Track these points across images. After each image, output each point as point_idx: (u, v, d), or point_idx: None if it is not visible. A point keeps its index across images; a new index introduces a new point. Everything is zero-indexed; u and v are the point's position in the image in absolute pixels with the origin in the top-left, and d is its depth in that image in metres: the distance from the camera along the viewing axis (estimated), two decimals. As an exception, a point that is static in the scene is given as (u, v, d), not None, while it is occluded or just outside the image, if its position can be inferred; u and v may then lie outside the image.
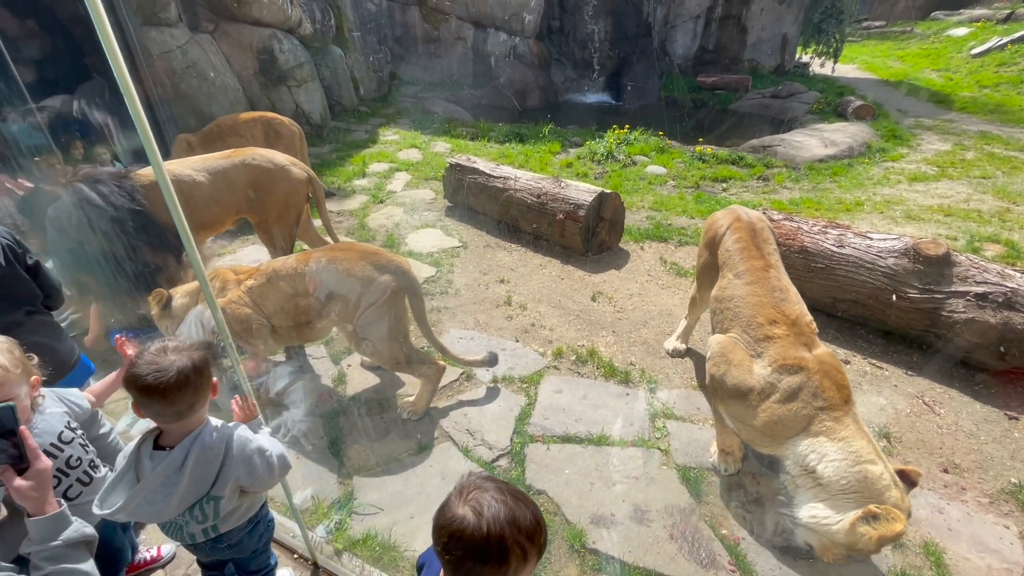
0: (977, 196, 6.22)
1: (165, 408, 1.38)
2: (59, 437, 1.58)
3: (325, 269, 2.74)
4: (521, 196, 5.18)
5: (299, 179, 3.81)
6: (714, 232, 2.93)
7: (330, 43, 9.49)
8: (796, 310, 2.38)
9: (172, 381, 1.34)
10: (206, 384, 1.45)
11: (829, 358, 2.23)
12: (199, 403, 1.44)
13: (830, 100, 10.91)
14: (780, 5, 13.37)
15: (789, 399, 2.14)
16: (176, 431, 1.44)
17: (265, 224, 3.83)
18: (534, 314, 4.05)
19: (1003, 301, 3.14)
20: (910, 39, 18.49)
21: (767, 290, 2.45)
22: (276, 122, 5.55)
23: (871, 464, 1.97)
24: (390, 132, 9.11)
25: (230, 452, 1.48)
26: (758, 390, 2.22)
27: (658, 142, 8.29)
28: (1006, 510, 2.47)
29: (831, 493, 2.01)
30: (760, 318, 2.37)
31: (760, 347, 2.32)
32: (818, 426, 2.09)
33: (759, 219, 2.86)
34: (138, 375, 1.34)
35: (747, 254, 2.65)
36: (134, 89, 1.20)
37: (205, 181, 3.45)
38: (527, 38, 12.84)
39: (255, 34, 7.65)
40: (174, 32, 6.55)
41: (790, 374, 2.18)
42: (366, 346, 2.87)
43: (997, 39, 13.95)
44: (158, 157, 1.30)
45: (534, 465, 2.66)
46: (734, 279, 2.62)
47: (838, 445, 2.03)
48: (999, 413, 3.06)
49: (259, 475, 1.53)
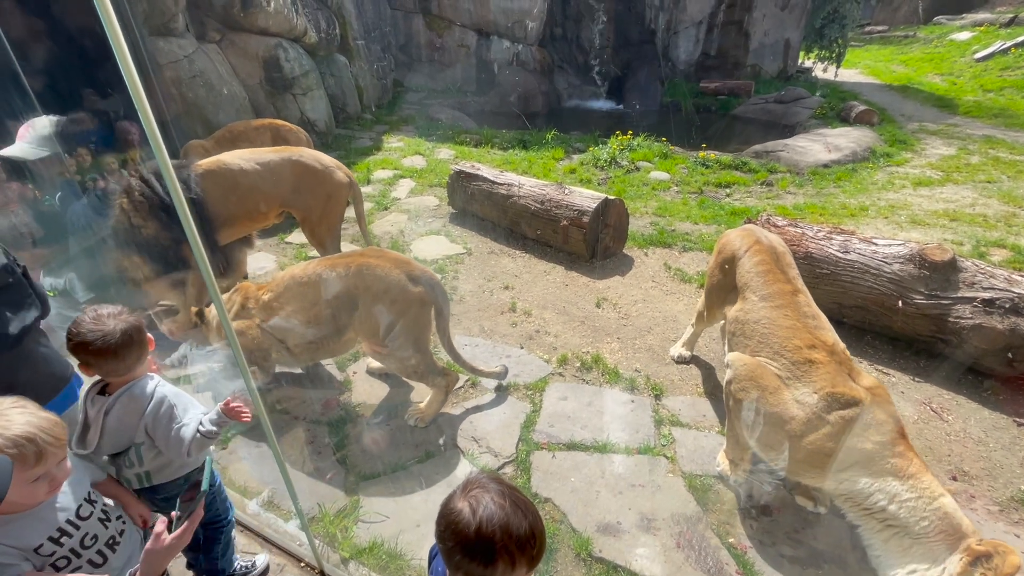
0: (983, 201, 6.20)
1: (117, 364, 1.59)
2: (77, 513, 1.42)
3: (356, 275, 2.71)
4: (525, 203, 5.20)
5: (342, 181, 4.00)
6: (730, 253, 2.84)
7: (335, 51, 9.58)
8: (831, 337, 2.30)
9: (120, 341, 1.56)
10: (144, 342, 1.66)
11: (881, 390, 2.13)
12: (141, 359, 1.65)
13: (833, 105, 10.91)
14: (782, 11, 13.40)
15: (842, 433, 2.03)
16: (118, 383, 1.65)
17: (310, 222, 3.97)
18: (539, 320, 4.05)
19: (1010, 307, 3.13)
20: (913, 43, 18.50)
21: (799, 315, 2.38)
22: (285, 129, 5.72)
23: (944, 497, 1.87)
24: (394, 139, 9.17)
25: (151, 405, 1.64)
26: (802, 420, 2.11)
27: (661, 148, 8.31)
28: (1016, 518, 2.45)
29: (914, 536, 1.87)
30: (797, 341, 2.28)
31: (800, 371, 2.22)
32: (881, 464, 1.97)
33: (780, 242, 2.79)
34: (88, 341, 1.53)
35: (772, 277, 2.57)
36: (146, 100, 1.22)
37: (253, 171, 3.61)
38: (530, 45, 12.90)
39: (261, 43, 7.72)
40: (181, 42, 6.63)
41: (842, 407, 2.06)
42: (388, 356, 2.86)
43: (1001, 43, 13.94)
44: (166, 158, 1.32)
45: (539, 473, 2.66)
46: (759, 302, 2.54)
47: (909, 484, 1.91)
48: (1008, 420, 3.04)
49: (162, 438, 1.65)
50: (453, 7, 12.55)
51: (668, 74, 13.91)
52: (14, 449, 1.16)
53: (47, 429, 1.25)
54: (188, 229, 1.33)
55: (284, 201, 3.85)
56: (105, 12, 1.05)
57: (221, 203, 3.44)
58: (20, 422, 1.20)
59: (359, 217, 4.34)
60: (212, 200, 3.41)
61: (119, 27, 1.09)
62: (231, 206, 3.52)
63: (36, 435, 1.20)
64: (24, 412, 1.23)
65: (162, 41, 6.40)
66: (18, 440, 1.17)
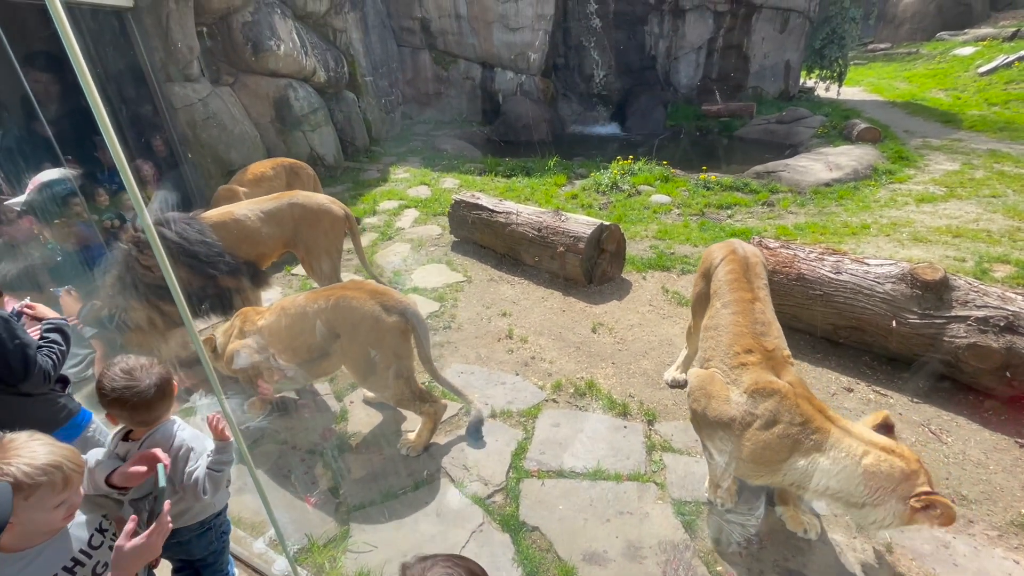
0: (987, 216, 6.15)
1: (148, 415, 1.65)
2: (89, 543, 1.43)
3: (335, 308, 2.85)
4: (523, 230, 5.31)
5: (338, 215, 4.29)
6: (709, 263, 3.00)
7: (344, 88, 9.98)
8: (775, 343, 2.40)
9: (154, 396, 1.62)
10: (173, 390, 1.72)
11: (799, 383, 2.25)
12: (171, 406, 1.72)
13: (835, 123, 10.96)
14: (781, 34, 13.62)
15: (770, 424, 2.16)
16: (141, 429, 1.69)
17: (311, 256, 4.25)
18: (534, 347, 4.10)
19: (1005, 325, 3.09)
20: (916, 60, 18.56)
21: (750, 321, 2.48)
22: (296, 166, 6.32)
23: (867, 456, 1.97)
24: (401, 170, 9.43)
25: (171, 449, 1.69)
26: (739, 419, 2.23)
27: (662, 171, 8.41)
28: (1015, 543, 2.38)
29: (858, 501, 1.98)
30: (737, 347, 2.41)
31: (734, 374, 2.36)
32: (807, 443, 2.09)
33: (754, 253, 2.90)
34: (125, 399, 1.58)
35: (736, 285, 2.70)
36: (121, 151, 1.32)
37: (258, 219, 3.96)
38: (533, 75, 13.27)
39: (272, 84, 8.10)
40: (196, 87, 6.99)
41: (765, 398, 2.20)
42: (371, 383, 2.97)
43: (1004, 57, 13.93)
44: (143, 206, 1.42)
45: (528, 501, 2.67)
46: (721, 308, 2.67)
47: (832, 455, 2.03)
48: (1009, 441, 2.97)
49: (179, 481, 1.69)
50: (458, 42, 13.02)
51: (670, 98, 14.14)
52: (44, 477, 1.23)
53: (70, 457, 1.32)
54: (166, 272, 1.43)
55: (287, 242, 4.17)
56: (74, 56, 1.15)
57: (233, 251, 3.77)
58: (44, 452, 1.27)
59: (357, 248, 4.54)
60: (228, 245, 3.74)
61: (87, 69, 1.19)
62: (242, 253, 3.84)
63: (62, 463, 1.27)
64: (44, 443, 1.30)
65: (178, 86, 6.76)
66: (47, 468, 1.24)
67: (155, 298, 3.39)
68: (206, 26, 7.38)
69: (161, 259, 1.43)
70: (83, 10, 5.83)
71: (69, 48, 1.16)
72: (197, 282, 3.54)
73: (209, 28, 7.47)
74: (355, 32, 10.51)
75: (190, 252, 3.48)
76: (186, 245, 3.47)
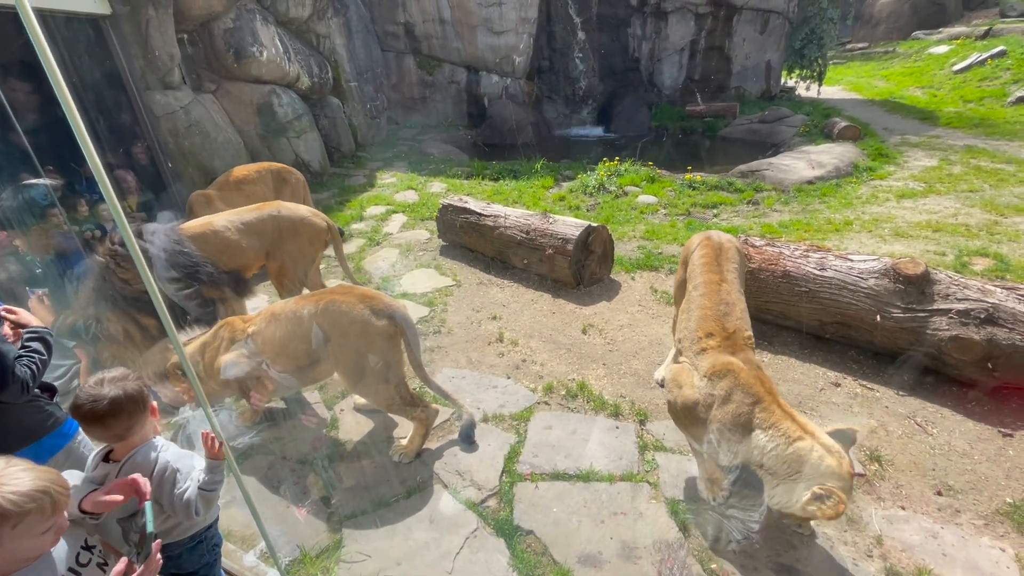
0: (965, 210, 6.28)
1: (104, 432, 1.59)
2: (76, 559, 1.41)
3: (323, 312, 2.82)
4: (511, 233, 5.31)
5: (320, 228, 4.19)
6: (687, 251, 3.13)
7: (328, 94, 9.92)
8: (737, 324, 2.51)
9: (106, 409, 1.54)
10: (141, 409, 1.63)
11: (749, 361, 2.35)
12: (136, 425, 1.63)
13: (817, 122, 11.13)
14: (761, 35, 13.81)
15: (726, 402, 2.26)
16: (121, 448, 1.64)
17: (286, 268, 4.15)
18: (525, 350, 4.09)
19: (985, 317, 3.15)
20: (893, 58, 18.94)
21: (715, 303, 2.61)
22: (285, 171, 6.07)
23: (800, 441, 2.08)
24: (388, 175, 9.39)
25: (155, 473, 1.64)
26: (702, 402, 2.34)
27: (648, 172, 8.47)
28: (1001, 532, 2.42)
29: (780, 479, 2.12)
30: (700, 332, 2.53)
31: (697, 360, 2.47)
32: (751, 420, 2.20)
33: (728, 241, 3.04)
34: (77, 405, 1.54)
35: (707, 268, 2.84)
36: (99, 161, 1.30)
37: (238, 231, 3.88)
38: (518, 78, 13.30)
39: (255, 91, 8.03)
40: (178, 94, 6.90)
41: (720, 379, 2.30)
42: (361, 388, 2.94)
43: (977, 55, 14.26)
44: (123, 218, 1.40)
45: (522, 504, 2.67)
46: (692, 291, 2.81)
47: (769, 433, 2.15)
48: (993, 431, 3.03)
49: (168, 504, 1.65)
50: (442, 46, 13.01)
51: (654, 100, 14.27)
52: (32, 504, 1.19)
53: (55, 480, 1.29)
54: (148, 285, 1.40)
55: (268, 253, 4.09)
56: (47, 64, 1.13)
57: (213, 263, 3.69)
58: (29, 478, 1.22)
59: (340, 259, 4.48)
60: (210, 255, 3.67)
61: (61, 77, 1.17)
62: (222, 265, 3.76)
63: (49, 487, 1.24)
64: (25, 468, 1.26)
65: (159, 94, 6.67)
66: (35, 494, 1.20)
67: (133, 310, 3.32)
68: (187, 33, 7.30)
69: (143, 271, 1.40)
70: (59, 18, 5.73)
71: (42, 56, 1.14)
72: (175, 294, 3.48)
73: (190, 35, 7.38)
74: (338, 37, 10.46)
75: (168, 263, 3.42)
76: (163, 256, 3.40)
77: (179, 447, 1.76)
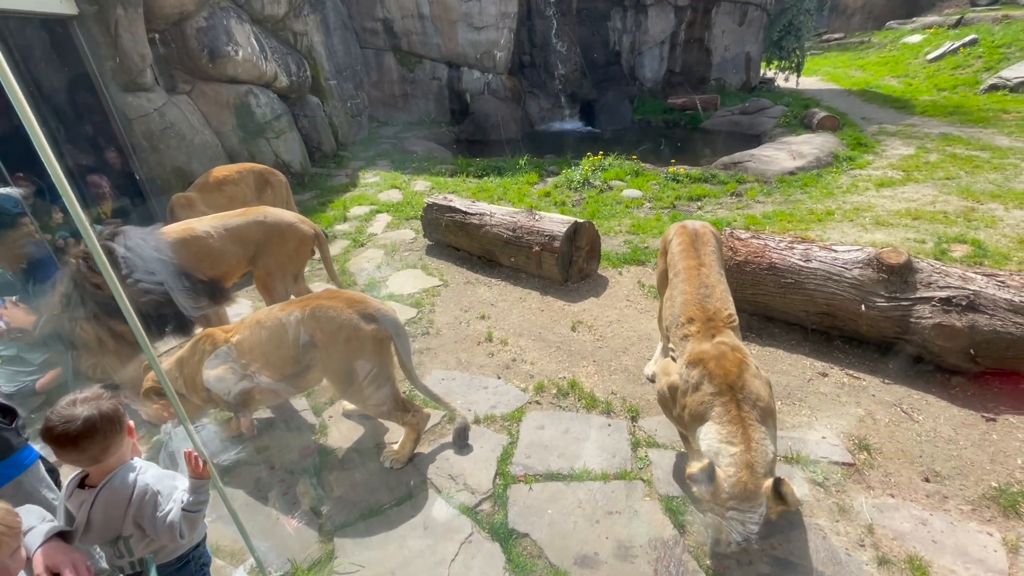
0: (943, 197, 6.39)
1: (79, 455, 1.49)
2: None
3: (310, 318, 2.76)
4: (497, 231, 5.27)
5: (306, 234, 4.07)
6: (665, 241, 3.19)
7: (307, 93, 9.75)
8: (716, 306, 2.54)
9: (80, 430, 1.45)
10: (117, 429, 1.55)
11: (723, 345, 2.34)
12: (112, 447, 1.54)
13: (796, 113, 11.25)
14: (740, 26, 13.91)
15: (695, 389, 2.30)
16: (97, 472, 1.55)
17: (271, 276, 4.02)
18: (515, 349, 4.07)
19: (967, 304, 3.21)
20: (868, 48, 19.22)
21: (695, 287, 2.65)
22: (267, 172, 5.87)
23: (730, 445, 2.10)
24: (370, 174, 9.28)
25: (134, 497, 1.57)
26: (680, 387, 2.38)
27: (632, 166, 8.48)
28: (988, 516, 2.47)
29: None
30: (682, 317, 2.57)
31: (681, 347, 2.50)
32: (707, 410, 2.23)
33: (703, 227, 3.12)
34: (48, 427, 1.45)
35: (685, 255, 2.90)
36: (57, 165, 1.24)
37: (221, 237, 3.74)
38: (499, 74, 13.22)
39: (231, 91, 7.85)
40: (151, 96, 6.71)
41: (694, 367, 2.33)
42: (351, 394, 2.89)
43: (950, 43, 14.54)
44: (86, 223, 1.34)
45: (517, 507, 2.64)
46: (673, 278, 2.86)
47: (715, 426, 2.17)
48: (976, 416, 3.08)
49: (151, 529, 1.59)
50: (422, 42, 12.87)
51: (636, 93, 14.31)
52: None
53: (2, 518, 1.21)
54: (116, 292, 1.34)
55: (251, 260, 3.95)
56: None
57: (193, 270, 3.55)
58: None
59: (327, 264, 4.35)
60: (185, 268, 3.50)
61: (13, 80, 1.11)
62: (203, 271, 3.63)
63: None
64: None
65: (131, 96, 6.48)
66: None
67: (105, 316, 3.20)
68: (158, 33, 7.09)
69: (110, 279, 1.34)
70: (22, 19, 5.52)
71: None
72: (151, 302, 3.34)
73: (161, 35, 7.18)
74: (316, 35, 10.27)
75: (144, 270, 3.27)
76: (139, 263, 3.26)
77: (161, 466, 1.69)
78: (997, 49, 13.22)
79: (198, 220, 3.86)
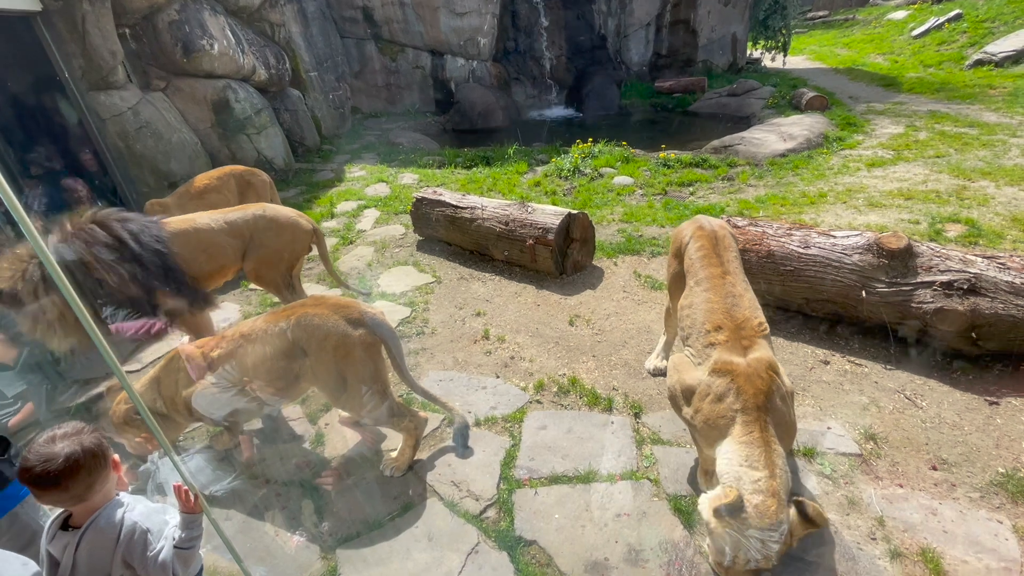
0: (934, 176, 6.38)
1: (61, 495, 1.40)
2: None
3: (296, 327, 2.65)
4: (490, 225, 5.16)
5: (305, 230, 4.03)
6: (680, 242, 3.01)
7: (287, 86, 9.48)
8: (745, 314, 2.44)
9: (61, 468, 1.36)
10: (101, 465, 1.46)
11: (757, 363, 2.24)
12: (97, 484, 1.45)
13: (784, 93, 11.18)
14: (726, 6, 13.74)
15: (718, 400, 2.22)
16: (81, 512, 1.46)
17: (264, 267, 3.94)
18: (513, 346, 3.99)
19: (968, 287, 3.18)
20: (853, 26, 19.15)
21: (721, 296, 2.53)
22: (248, 174, 5.66)
23: (753, 470, 2.02)
24: (356, 168, 9.07)
25: (122, 536, 1.48)
26: (699, 391, 2.31)
27: (623, 152, 8.38)
28: (997, 503, 2.45)
29: None
30: (708, 325, 2.46)
31: (705, 353, 2.40)
32: (729, 426, 2.16)
33: (721, 227, 2.94)
34: (27, 467, 1.34)
35: (707, 262, 2.73)
36: None
37: (222, 231, 3.69)
38: (484, 61, 12.97)
39: (209, 87, 7.59)
40: (124, 94, 6.46)
41: (720, 376, 2.25)
42: (344, 402, 2.80)
43: (935, 19, 14.50)
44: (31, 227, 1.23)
45: (523, 513, 2.58)
46: (694, 286, 2.71)
47: (736, 447, 2.09)
48: (979, 399, 3.07)
49: (142, 569, 1.50)
50: (404, 30, 12.56)
51: (623, 77, 14.12)
52: None
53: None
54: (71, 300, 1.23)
55: (249, 254, 3.88)
56: None
57: (192, 262, 3.49)
58: None
59: (324, 260, 4.29)
60: (183, 260, 3.44)
61: None
62: (201, 265, 3.57)
63: None
64: None
65: (103, 95, 6.23)
66: None
67: None
68: (128, 27, 6.81)
69: (64, 287, 1.23)
70: (-18, 17, 5.26)
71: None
72: (137, 293, 3.20)
73: (132, 30, 6.90)
74: (294, 25, 9.97)
75: (140, 258, 3.18)
76: (137, 249, 3.17)
77: (149, 498, 1.59)
78: (981, 24, 13.21)
79: (199, 213, 3.81)
